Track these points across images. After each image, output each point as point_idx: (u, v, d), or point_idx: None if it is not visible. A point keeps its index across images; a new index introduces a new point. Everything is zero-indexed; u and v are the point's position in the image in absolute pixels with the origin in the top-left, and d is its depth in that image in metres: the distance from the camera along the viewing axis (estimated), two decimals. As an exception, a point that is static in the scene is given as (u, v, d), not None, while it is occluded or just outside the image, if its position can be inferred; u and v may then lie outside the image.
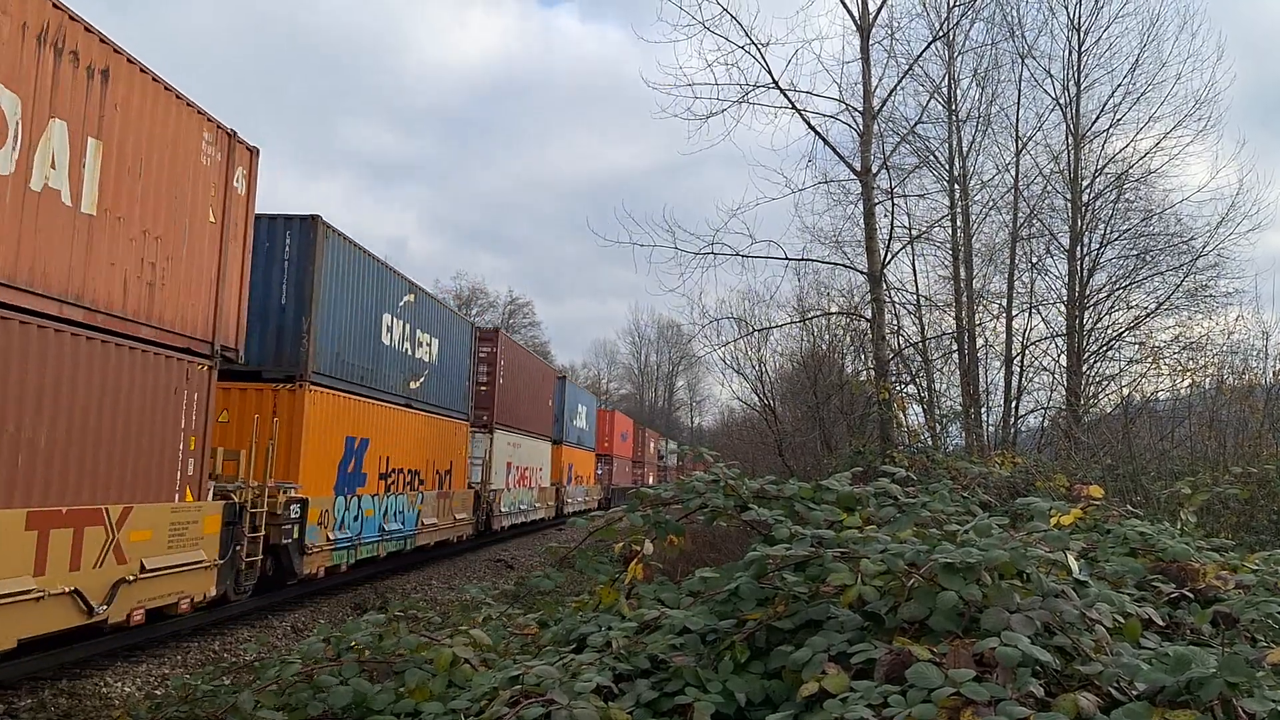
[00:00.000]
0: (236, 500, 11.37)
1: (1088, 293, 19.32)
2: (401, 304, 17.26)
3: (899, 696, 3.00)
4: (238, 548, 11.36)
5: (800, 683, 3.35)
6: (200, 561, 10.30)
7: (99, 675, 9.52)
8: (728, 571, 4.47)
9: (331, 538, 14.16)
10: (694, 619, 4.16)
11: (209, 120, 10.29)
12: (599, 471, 44.98)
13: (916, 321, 20.28)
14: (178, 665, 10.28)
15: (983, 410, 18.80)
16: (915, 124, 18.36)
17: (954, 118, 19.53)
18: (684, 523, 5.23)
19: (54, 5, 7.82)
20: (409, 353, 17.61)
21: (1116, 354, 19.35)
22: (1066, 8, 19.26)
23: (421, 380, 18.40)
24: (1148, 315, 19.14)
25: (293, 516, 12.90)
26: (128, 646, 10.59)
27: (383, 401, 16.45)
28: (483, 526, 23.08)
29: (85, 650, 9.91)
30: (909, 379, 19.14)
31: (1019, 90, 19.72)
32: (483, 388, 23.49)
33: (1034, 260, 20.21)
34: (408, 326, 17.50)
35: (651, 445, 63.26)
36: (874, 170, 16.24)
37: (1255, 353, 13.62)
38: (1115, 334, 19.36)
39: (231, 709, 4.54)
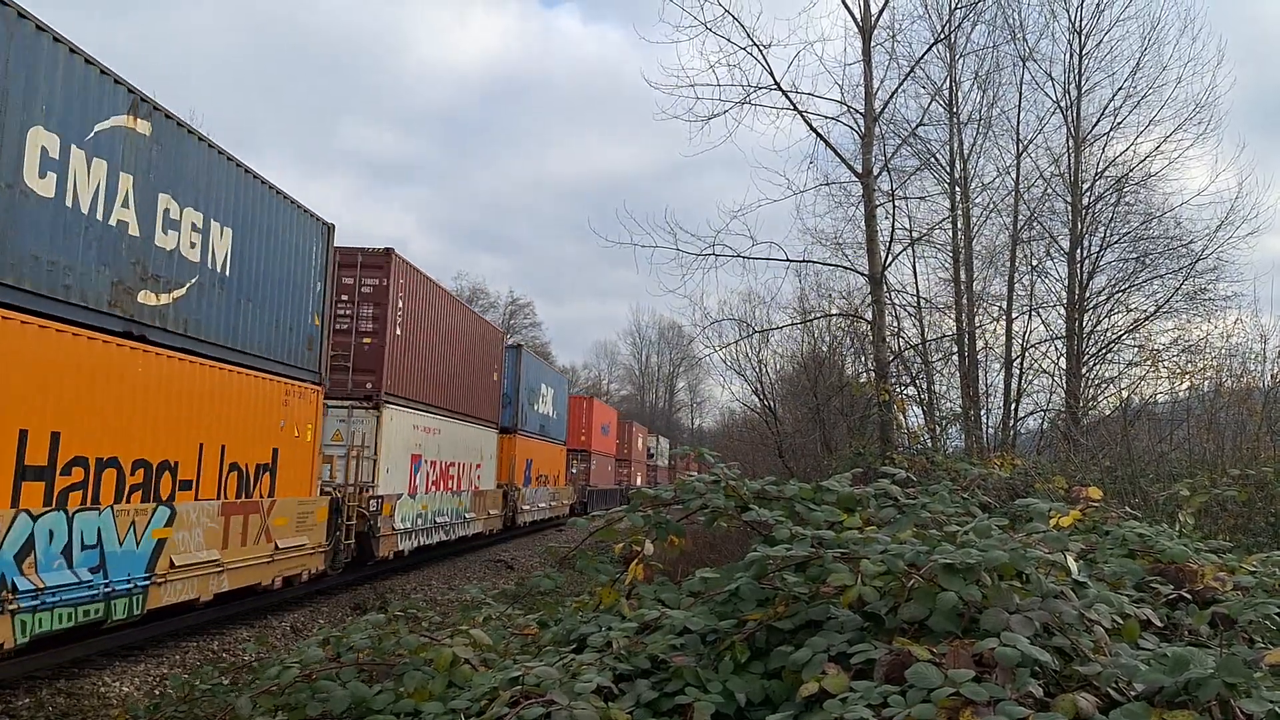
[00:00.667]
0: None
1: (1087, 295, 19.35)
2: (107, 129, 8.94)
3: (899, 697, 3.01)
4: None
5: (800, 683, 3.36)
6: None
7: (97, 675, 9.52)
8: (728, 572, 4.47)
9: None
10: (694, 619, 4.16)
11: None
12: (572, 470, 38.29)
13: (917, 323, 20.33)
14: (176, 665, 10.28)
15: (982, 412, 18.83)
16: (916, 126, 18.43)
17: (955, 120, 19.57)
18: (684, 523, 5.23)
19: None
20: (139, 237, 9.47)
21: (1116, 357, 19.40)
22: (1068, 11, 19.32)
23: (178, 295, 10.23)
24: (1147, 318, 19.19)
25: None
26: (126, 646, 10.59)
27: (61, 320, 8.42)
28: (350, 556, 14.96)
29: (84, 650, 9.91)
30: (909, 381, 19.17)
31: (1020, 93, 19.79)
32: (365, 341, 16.26)
33: (1034, 263, 20.27)
34: (133, 184, 9.35)
35: (639, 441, 56.03)
36: (875, 172, 16.28)
37: (1254, 356, 13.64)
38: (1115, 337, 19.40)
39: (230, 712, 4.55)
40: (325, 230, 13.88)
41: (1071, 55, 19.39)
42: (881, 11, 16.33)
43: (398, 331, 17.04)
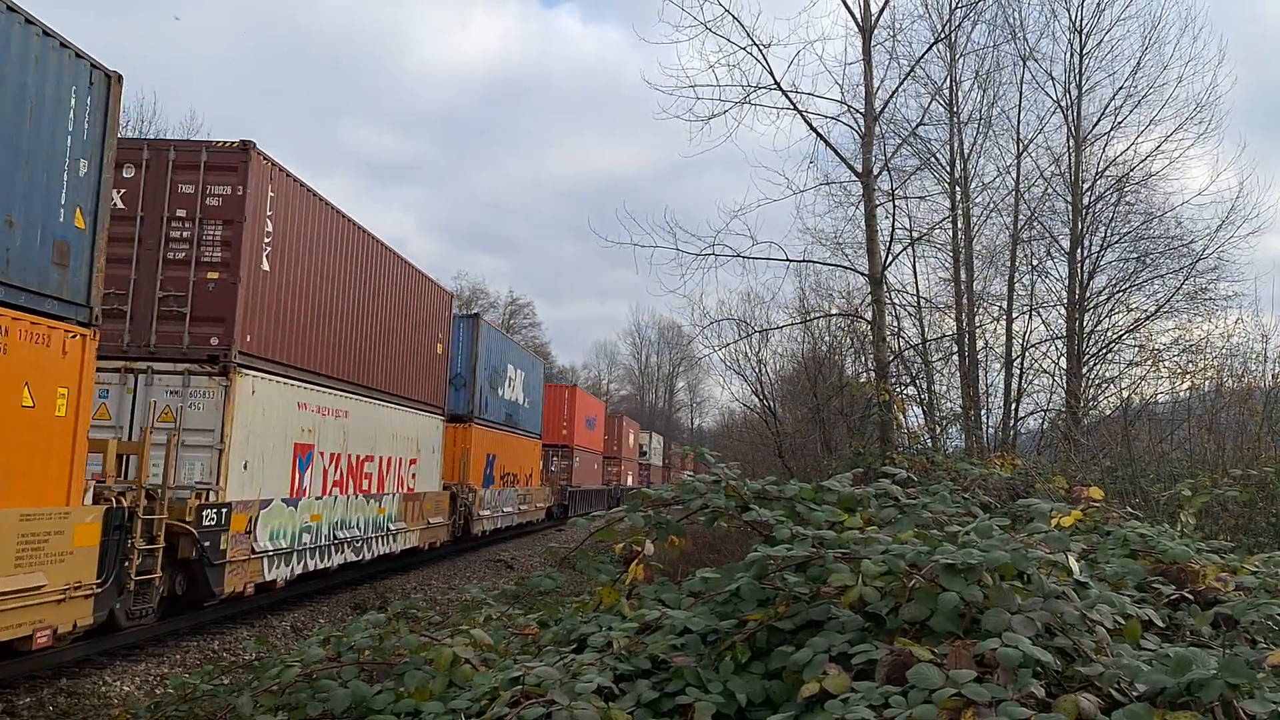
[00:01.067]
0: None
1: (1088, 295, 19.35)
2: None
3: (900, 697, 3.00)
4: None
5: (801, 683, 3.35)
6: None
7: (98, 674, 9.51)
8: (729, 572, 4.47)
9: None
10: (695, 619, 4.16)
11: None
12: (552, 468, 34.18)
13: (917, 323, 20.33)
14: (177, 664, 10.27)
15: (982, 412, 18.82)
16: (917, 126, 18.42)
17: (955, 120, 19.56)
18: (684, 523, 5.23)
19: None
20: None
21: (1116, 356, 19.40)
22: (1068, 10, 19.31)
23: None
24: (1148, 318, 19.19)
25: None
26: (127, 646, 10.58)
27: None
28: (161, 597, 10.05)
29: (85, 649, 9.90)
30: (909, 381, 19.17)
31: (1020, 93, 19.78)
32: (210, 277, 11.26)
33: (1034, 263, 20.26)
34: None
35: (630, 438, 51.48)
36: (875, 172, 16.27)
37: (1255, 356, 13.64)
38: (1115, 336, 19.40)
39: (231, 711, 4.55)
40: (101, 80, 8.65)
41: (1072, 54, 19.40)
42: (882, 11, 16.34)
43: (265, 266, 11.83)
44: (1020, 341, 19.83)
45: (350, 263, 14.75)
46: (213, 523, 10.82)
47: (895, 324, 19.32)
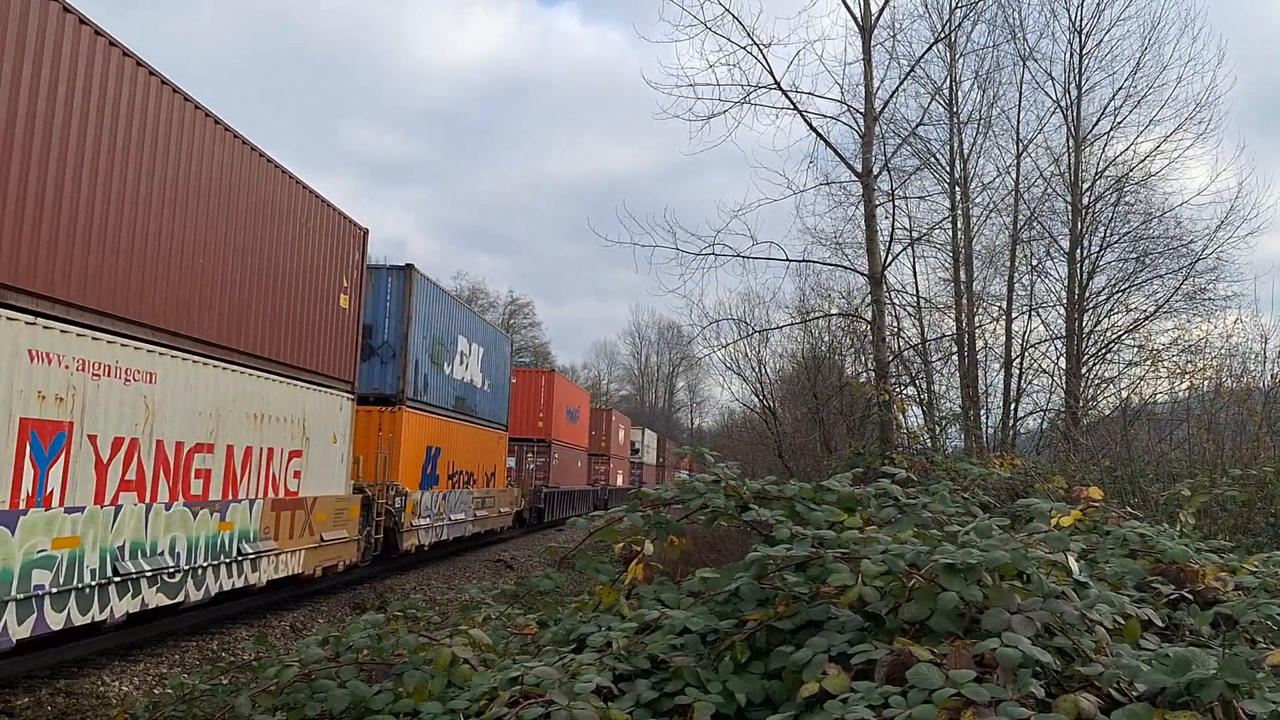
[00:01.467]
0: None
1: (1087, 295, 19.36)
2: None
3: (899, 697, 3.00)
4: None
5: (800, 683, 3.35)
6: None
7: (96, 674, 9.50)
8: (728, 572, 4.46)
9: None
10: (694, 619, 4.15)
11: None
12: (530, 466, 30.13)
13: (916, 323, 20.34)
14: (175, 664, 10.26)
15: (982, 412, 18.82)
16: (916, 126, 18.43)
17: (955, 120, 19.57)
18: (684, 523, 5.23)
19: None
20: None
21: (1115, 357, 19.41)
22: (1068, 10, 19.32)
23: None
24: (1147, 318, 19.21)
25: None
26: (125, 645, 10.57)
27: None
28: None
29: (83, 649, 9.90)
30: (909, 381, 19.18)
31: (1020, 93, 19.79)
32: None
33: (1034, 263, 20.28)
34: None
35: (621, 434, 47.27)
36: (875, 172, 16.27)
37: (1254, 356, 13.63)
38: (1114, 337, 19.41)
39: (229, 711, 4.54)
40: None
41: (1072, 55, 19.41)
42: (882, 11, 16.33)
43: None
44: (1020, 341, 19.86)
45: (176, 155, 9.97)
46: None
47: (895, 324, 19.34)
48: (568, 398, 34.54)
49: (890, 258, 16.62)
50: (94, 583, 8.73)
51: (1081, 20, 19.23)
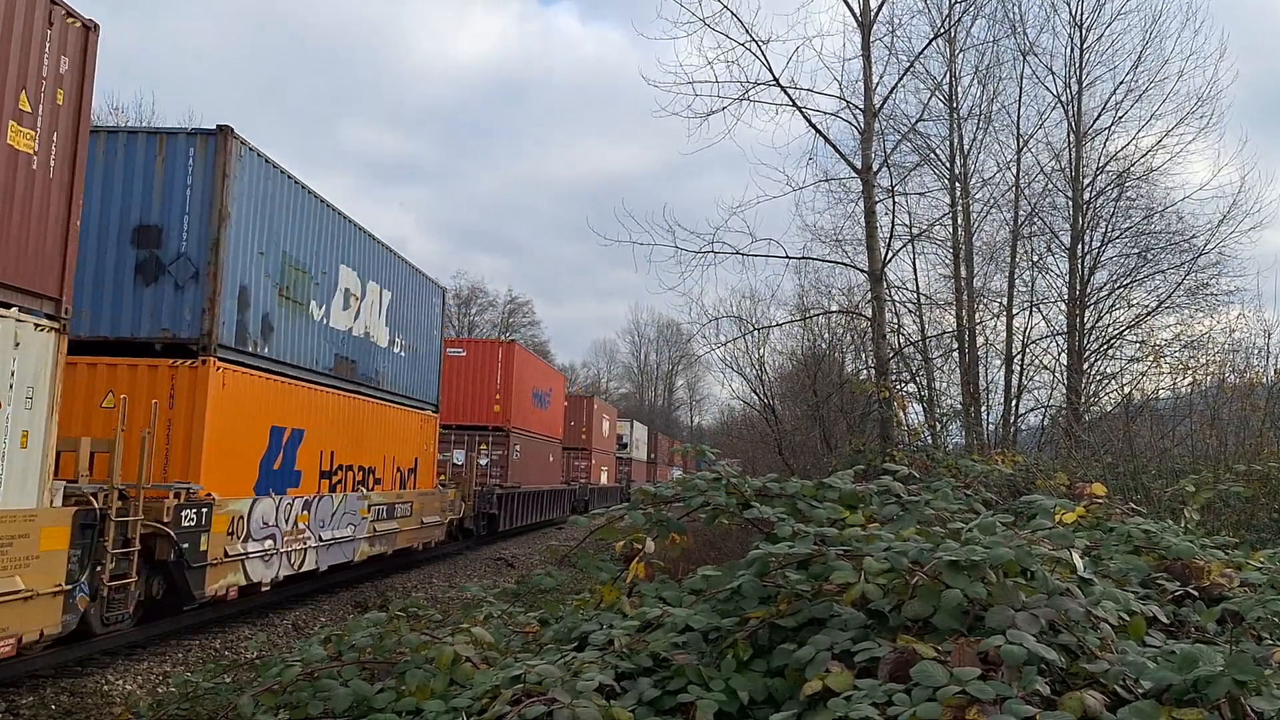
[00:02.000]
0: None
1: (1089, 291, 19.32)
2: None
3: (903, 695, 2.98)
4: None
5: (803, 681, 3.33)
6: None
7: (100, 673, 9.51)
8: (730, 570, 4.45)
9: None
10: (696, 617, 4.14)
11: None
12: (484, 460, 23.99)
13: (917, 320, 20.31)
14: (179, 663, 10.26)
15: (983, 409, 18.79)
16: (916, 122, 18.39)
17: (955, 115, 19.52)
18: (685, 521, 5.22)
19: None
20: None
21: (1117, 352, 19.37)
22: (1069, 5, 19.25)
23: None
24: (1149, 313, 19.16)
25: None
26: (129, 644, 10.58)
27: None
28: None
29: (86, 649, 9.90)
30: (909, 378, 19.16)
31: (1020, 88, 19.73)
32: None
33: (1035, 258, 20.23)
34: None
35: (605, 425, 41.71)
36: (875, 168, 16.23)
37: (1257, 351, 13.62)
38: (1116, 332, 19.37)
39: (232, 710, 4.54)
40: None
41: (1072, 49, 19.35)
42: (881, 6, 16.28)
43: None
44: (1021, 338, 19.82)
45: None
46: None
47: (895, 321, 19.31)
48: (535, 377, 27.68)
49: (890, 254, 16.59)
50: None
51: (1082, 14, 19.20)
